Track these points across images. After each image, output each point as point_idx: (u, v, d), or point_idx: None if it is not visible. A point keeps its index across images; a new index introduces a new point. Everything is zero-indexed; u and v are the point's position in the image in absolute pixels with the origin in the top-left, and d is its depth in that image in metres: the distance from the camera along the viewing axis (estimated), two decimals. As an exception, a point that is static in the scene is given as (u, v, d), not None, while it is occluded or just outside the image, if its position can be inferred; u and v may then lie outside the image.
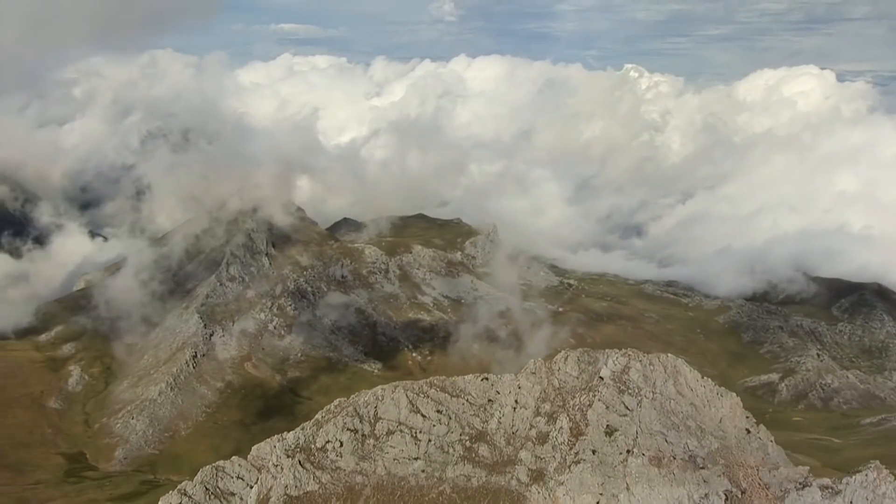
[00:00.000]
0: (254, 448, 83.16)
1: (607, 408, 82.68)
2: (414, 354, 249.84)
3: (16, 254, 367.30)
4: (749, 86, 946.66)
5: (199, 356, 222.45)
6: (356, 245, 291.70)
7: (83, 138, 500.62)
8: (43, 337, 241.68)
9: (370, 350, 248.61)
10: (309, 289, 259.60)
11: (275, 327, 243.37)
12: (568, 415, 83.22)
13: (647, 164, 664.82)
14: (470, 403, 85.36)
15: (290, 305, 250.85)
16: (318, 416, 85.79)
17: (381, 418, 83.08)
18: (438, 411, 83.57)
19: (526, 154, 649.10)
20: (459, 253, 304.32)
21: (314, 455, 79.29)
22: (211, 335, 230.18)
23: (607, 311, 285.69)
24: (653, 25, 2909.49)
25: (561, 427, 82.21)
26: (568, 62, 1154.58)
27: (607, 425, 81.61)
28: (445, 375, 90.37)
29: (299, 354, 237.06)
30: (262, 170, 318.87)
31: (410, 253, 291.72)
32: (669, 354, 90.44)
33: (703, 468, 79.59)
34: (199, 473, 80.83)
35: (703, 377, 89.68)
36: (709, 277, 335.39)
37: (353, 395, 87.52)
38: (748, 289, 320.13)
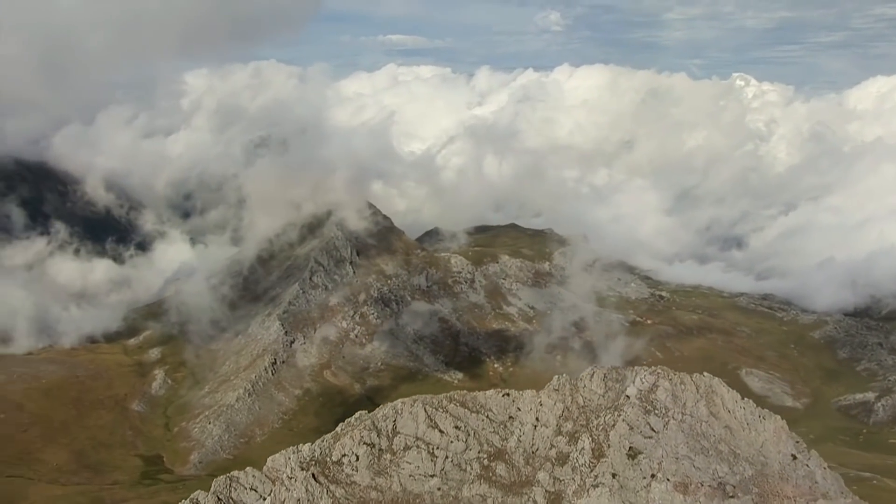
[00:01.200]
0: (269, 459, 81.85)
1: (631, 429, 78.43)
2: (496, 365, 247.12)
3: (119, 259, 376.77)
4: (861, 93, 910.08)
5: (278, 363, 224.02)
6: (442, 254, 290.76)
7: (188, 148, 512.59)
8: (132, 341, 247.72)
9: (451, 360, 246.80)
10: (393, 297, 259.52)
11: (356, 335, 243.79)
12: (591, 435, 79.41)
13: (750, 175, 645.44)
14: (490, 420, 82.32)
15: (373, 314, 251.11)
16: (338, 428, 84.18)
17: (399, 433, 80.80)
18: (457, 427, 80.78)
19: (626, 164, 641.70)
20: (548, 263, 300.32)
21: (329, 469, 77.49)
22: (292, 342, 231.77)
23: (697, 324, 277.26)
24: (762, 33, 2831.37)
25: (582, 448, 78.41)
26: (672, 71, 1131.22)
27: (630, 447, 77.42)
28: (528, 387, 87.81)
29: (380, 363, 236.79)
30: (355, 178, 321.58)
31: (497, 263, 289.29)
32: (706, 373, 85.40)
33: (732, 496, 74.56)
34: (213, 483, 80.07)
35: (742, 398, 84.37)
36: (808, 291, 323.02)
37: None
38: (849, 303, 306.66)
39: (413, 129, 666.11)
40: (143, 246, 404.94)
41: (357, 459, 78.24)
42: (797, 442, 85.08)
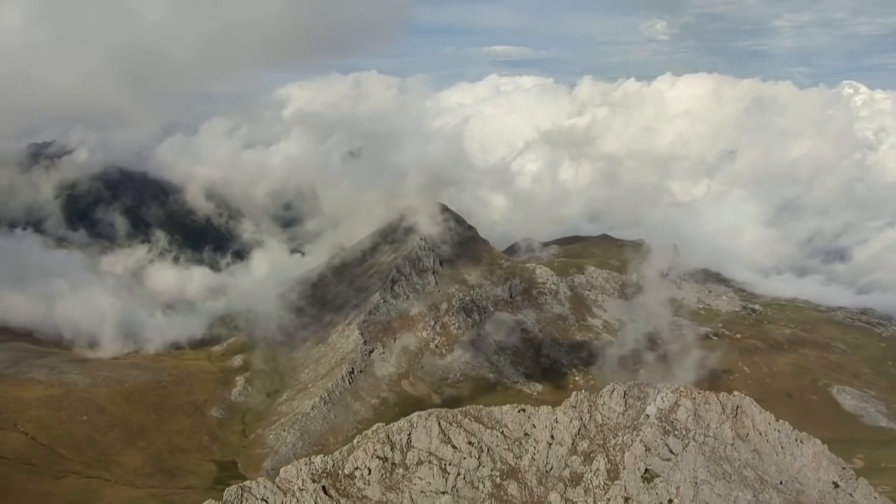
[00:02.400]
0: (282, 470, 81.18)
1: (648, 450, 74.98)
2: (577, 378, 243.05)
3: (215, 267, 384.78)
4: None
5: (356, 372, 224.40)
6: (527, 265, 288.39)
7: (287, 158, 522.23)
8: (216, 348, 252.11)
9: (532, 372, 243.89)
10: (475, 307, 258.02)
11: (436, 346, 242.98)
12: (607, 455, 76.33)
13: (856, 185, 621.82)
14: (504, 436, 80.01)
15: (455, 324, 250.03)
16: (355, 440, 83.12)
17: (413, 447, 79.23)
18: (470, 443, 78.75)
19: (728, 174, 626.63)
20: (635, 274, 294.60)
21: (341, 482, 76.42)
22: (371, 351, 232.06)
23: (789, 339, 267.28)
24: (876, 40, 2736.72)
25: (597, 468, 75.36)
26: (778, 80, 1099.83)
27: (646, 470, 73.97)
28: (735, 391, 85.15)
29: (459, 374, 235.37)
30: (433, 186, 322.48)
31: (583, 274, 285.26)
32: (736, 392, 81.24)
33: (755, 525, 70.90)
34: (224, 492, 79.96)
35: (778, 420, 79.98)
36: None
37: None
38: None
39: (511, 138, 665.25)
40: (241, 254, 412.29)
41: (369, 473, 77.11)
42: (843, 468, 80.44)
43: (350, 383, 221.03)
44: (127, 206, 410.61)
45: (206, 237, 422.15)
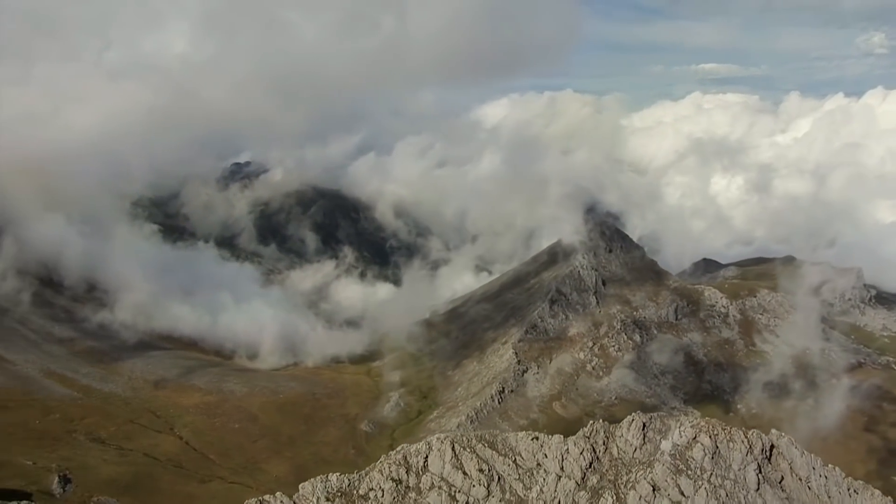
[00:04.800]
0: (301, 486, 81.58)
1: (655, 490, 69.68)
2: (739, 406, 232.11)
3: (400, 284, 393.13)
4: None
5: (506, 391, 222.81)
6: (696, 286, 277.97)
7: (478, 177, 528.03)
8: (376, 363, 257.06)
9: (692, 397, 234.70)
10: (637, 329, 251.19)
11: (593, 367, 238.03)
12: (616, 492, 71.66)
13: None
14: (517, 465, 76.82)
15: (614, 346, 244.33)
16: (379, 460, 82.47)
17: (428, 470, 77.64)
18: (480, 470, 76.12)
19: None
20: (813, 299, 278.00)
21: (354, 502, 76.03)
22: (524, 371, 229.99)
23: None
24: None
25: (605, 505, 71.18)
26: None
27: (652, 510, 69.16)
28: (773, 429, 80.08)
29: (614, 397, 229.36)
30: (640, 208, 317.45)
31: (755, 297, 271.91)
32: (774, 430, 74.17)
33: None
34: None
35: (825, 464, 72.22)
36: None
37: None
38: None
39: (711, 156, 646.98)
40: (427, 271, 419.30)
41: (382, 495, 76.30)
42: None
43: (500, 403, 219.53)
44: (318, 222, 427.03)
45: (394, 254, 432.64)
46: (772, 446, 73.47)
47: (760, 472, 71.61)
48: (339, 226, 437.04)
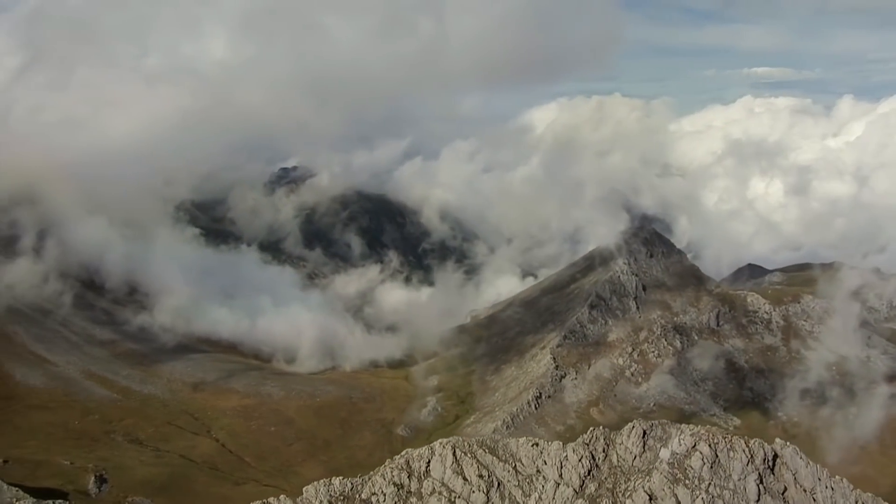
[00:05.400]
0: (305, 488, 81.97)
1: (651, 499, 68.82)
2: (780, 413, 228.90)
3: (447, 288, 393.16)
4: None
5: (543, 397, 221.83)
6: (739, 292, 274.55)
7: (523, 181, 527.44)
8: (415, 367, 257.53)
9: (732, 404, 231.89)
10: (677, 335, 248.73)
11: (632, 373, 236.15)
12: (615, 501, 71.04)
13: None
14: (517, 471, 76.39)
15: (654, 352, 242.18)
16: (383, 465, 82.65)
17: (430, 476, 77.63)
18: (480, 476, 75.92)
19: None
20: (860, 305, 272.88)
21: (356, 506, 76.45)
22: (562, 377, 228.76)
23: None
24: None
25: (600, 513, 70.59)
26: None
27: (647, 520, 68.35)
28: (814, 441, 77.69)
29: (652, 403, 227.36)
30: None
31: (799, 303, 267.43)
32: (778, 440, 72.86)
33: None
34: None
35: (832, 476, 70.67)
36: None
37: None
38: None
39: (760, 161, 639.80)
40: (472, 276, 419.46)
41: (384, 499, 76.50)
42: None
43: (536, 408, 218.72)
44: (363, 227, 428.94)
45: (439, 258, 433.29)
46: (775, 456, 72.26)
47: (762, 482, 70.40)
48: (384, 230, 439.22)
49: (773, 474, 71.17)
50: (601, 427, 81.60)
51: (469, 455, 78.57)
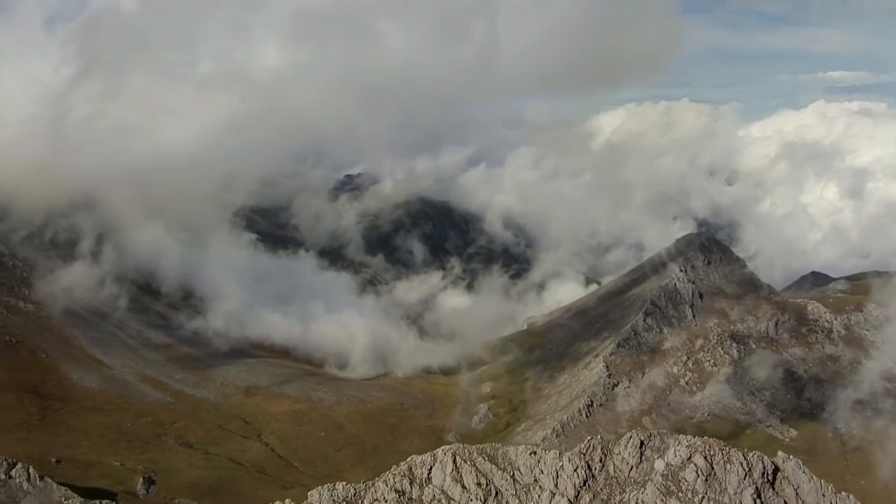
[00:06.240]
0: (309, 493, 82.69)
1: None
2: (839, 426, 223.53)
3: (507, 296, 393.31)
4: None
5: (595, 405, 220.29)
6: (798, 300, 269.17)
7: (588, 187, 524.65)
8: (468, 375, 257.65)
9: (788, 416, 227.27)
10: (734, 344, 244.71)
11: (687, 382, 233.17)
12: None
13: None
14: (515, 480, 76.10)
15: (709, 360, 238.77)
16: (387, 471, 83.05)
17: (431, 482, 77.80)
18: (478, 484, 75.77)
19: None
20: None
21: (358, 512, 77.01)
22: (615, 385, 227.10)
23: None
24: None
25: (595, 526, 69.92)
26: None
27: (638, 533, 67.43)
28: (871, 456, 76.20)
29: (707, 413, 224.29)
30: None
31: (861, 312, 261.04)
32: (781, 453, 71.35)
33: None
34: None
35: (837, 491, 68.83)
36: None
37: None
38: None
39: (832, 168, 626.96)
40: (534, 283, 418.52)
41: (385, 506, 77.04)
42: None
43: (587, 417, 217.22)
44: (426, 233, 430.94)
45: (503, 265, 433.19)
46: (775, 469, 70.77)
47: (759, 496, 68.76)
48: (447, 237, 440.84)
49: (773, 489, 69.61)
50: (598, 436, 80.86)
51: (469, 463, 78.64)
